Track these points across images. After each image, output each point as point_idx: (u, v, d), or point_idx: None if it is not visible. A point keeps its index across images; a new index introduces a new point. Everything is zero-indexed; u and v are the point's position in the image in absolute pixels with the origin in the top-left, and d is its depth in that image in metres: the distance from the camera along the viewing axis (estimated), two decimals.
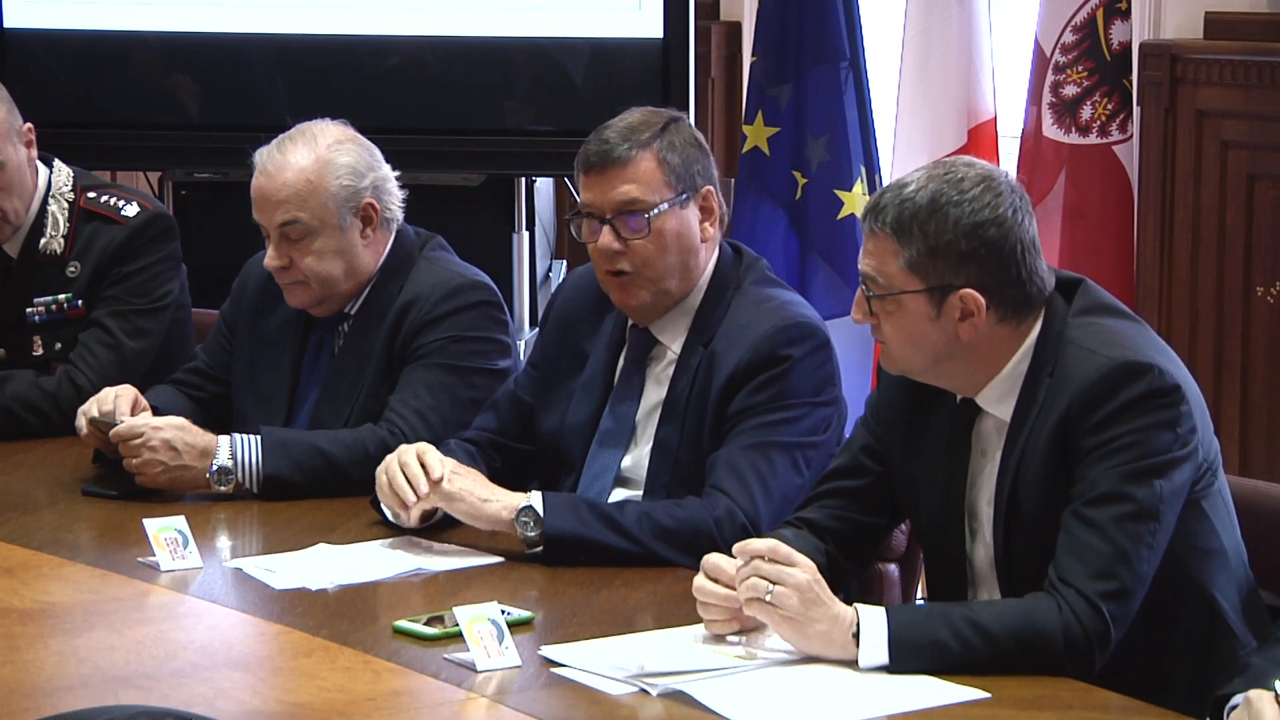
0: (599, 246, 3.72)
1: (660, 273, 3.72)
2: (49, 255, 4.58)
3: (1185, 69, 5.82)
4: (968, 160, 3.26)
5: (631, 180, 3.70)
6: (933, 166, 3.24)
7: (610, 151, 3.69)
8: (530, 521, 3.53)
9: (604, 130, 3.74)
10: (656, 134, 3.72)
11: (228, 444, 3.96)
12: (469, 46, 5.99)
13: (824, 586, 3.05)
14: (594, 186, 3.72)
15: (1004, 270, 3.17)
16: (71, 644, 3.18)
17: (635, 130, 3.72)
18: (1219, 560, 3.22)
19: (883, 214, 3.19)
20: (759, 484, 3.60)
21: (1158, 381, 3.11)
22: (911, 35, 5.78)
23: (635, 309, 3.78)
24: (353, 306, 4.20)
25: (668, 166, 3.71)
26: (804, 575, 3.04)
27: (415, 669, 3.05)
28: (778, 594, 3.03)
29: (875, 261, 3.20)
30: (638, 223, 3.70)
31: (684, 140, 3.74)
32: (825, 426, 3.69)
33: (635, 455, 3.79)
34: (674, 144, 3.72)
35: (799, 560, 3.07)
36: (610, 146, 3.70)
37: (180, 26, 6.08)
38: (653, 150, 3.70)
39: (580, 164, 3.74)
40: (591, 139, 3.74)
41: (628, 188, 3.70)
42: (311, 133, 4.16)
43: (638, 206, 3.70)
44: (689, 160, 3.73)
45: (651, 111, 3.79)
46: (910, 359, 3.24)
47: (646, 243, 3.70)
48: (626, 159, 3.69)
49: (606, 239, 3.71)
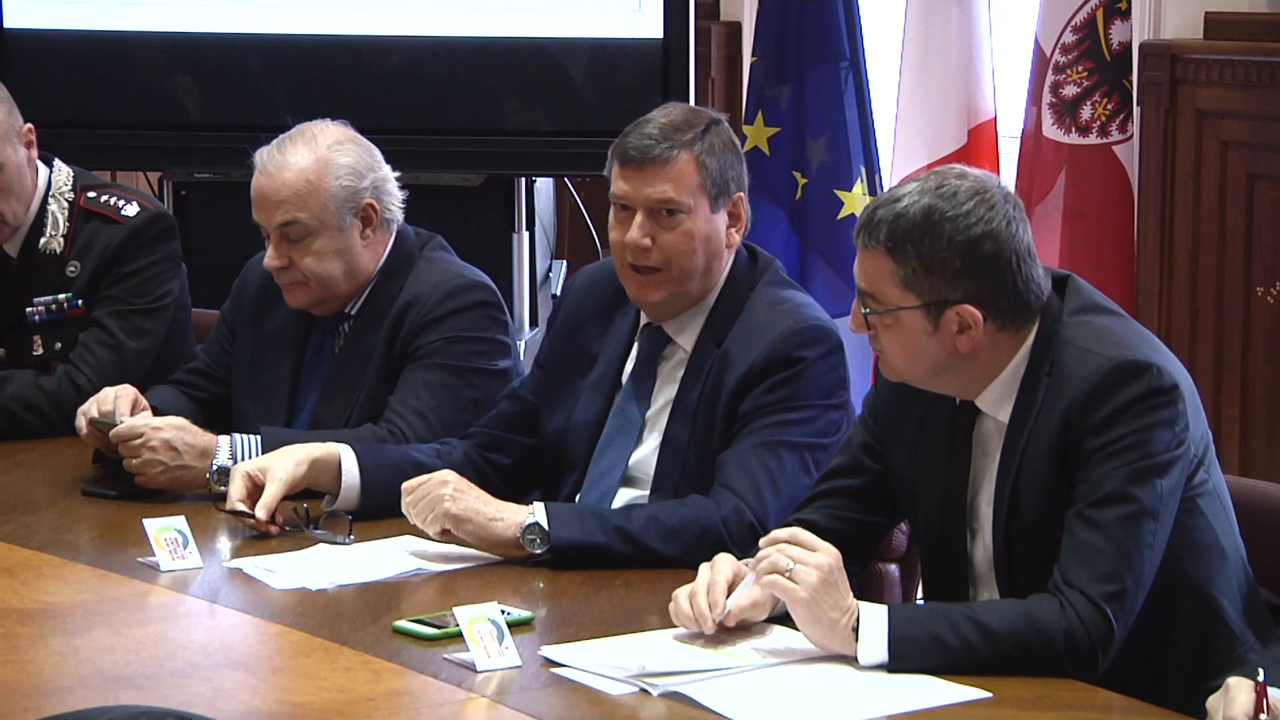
0: (628, 239, 3.71)
1: (684, 272, 3.72)
2: (49, 255, 4.58)
3: (1185, 69, 5.82)
4: (960, 170, 3.25)
5: (669, 180, 3.69)
6: (925, 178, 3.22)
7: (652, 148, 3.69)
8: (537, 539, 3.53)
9: (645, 125, 3.72)
10: (698, 136, 3.71)
11: (228, 444, 3.96)
12: (469, 46, 5.99)
13: (844, 576, 3.06)
14: (631, 180, 3.71)
15: (1000, 283, 3.17)
16: (71, 644, 3.18)
17: (678, 129, 3.70)
18: (1217, 558, 3.22)
19: (876, 230, 3.18)
20: (768, 483, 3.60)
21: (1156, 380, 3.11)
22: (911, 35, 5.77)
23: (651, 305, 3.78)
24: (353, 307, 4.21)
25: (705, 170, 3.70)
26: (827, 558, 3.05)
27: (415, 669, 3.05)
28: (799, 571, 3.03)
29: (871, 278, 3.20)
30: (670, 222, 3.70)
31: (723, 144, 3.73)
32: (835, 429, 3.69)
33: (642, 453, 3.79)
34: (714, 147, 3.71)
35: (823, 545, 3.08)
36: (652, 143, 3.69)
37: (180, 26, 6.07)
38: (693, 152, 3.70)
39: (618, 155, 3.72)
40: (632, 131, 3.72)
41: (665, 187, 3.69)
42: (311, 133, 4.16)
43: (672, 206, 3.70)
44: (725, 165, 3.72)
45: (694, 111, 3.78)
46: (909, 370, 3.24)
47: (676, 242, 3.70)
48: (667, 158, 3.68)
49: (636, 233, 3.71)
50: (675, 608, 3.15)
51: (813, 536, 3.10)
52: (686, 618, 3.13)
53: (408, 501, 3.59)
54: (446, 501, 3.55)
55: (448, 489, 3.56)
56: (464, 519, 3.56)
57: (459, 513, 3.56)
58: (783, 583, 3.05)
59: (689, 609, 3.12)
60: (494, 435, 3.94)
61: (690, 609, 3.12)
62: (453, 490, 3.57)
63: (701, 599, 3.11)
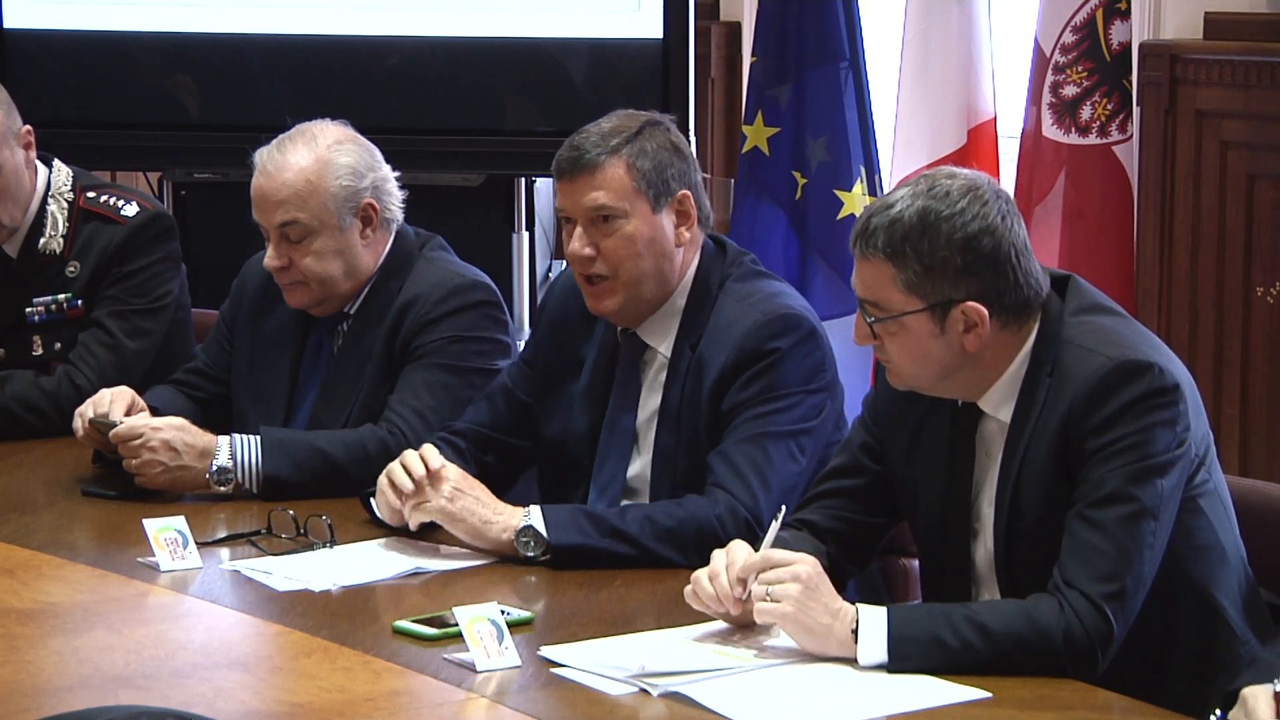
0: (569, 251, 3.73)
1: (632, 278, 3.72)
2: (48, 255, 4.58)
3: (1185, 69, 5.82)
4: (949, 171, 3.25)
5: (600, 187, 3.69)
6: (915, 182, 3.22)
7: (580, 158, 3.70)
8: (530, 541, 3.53)
9: (577, 135, 3.74)
10: (628, 139, 3.70)
11: (227, 444, 3.96)
12: (469, 46, 5.99)
13: (826, 580, 3.06)
14: (565, 192, 3.73)
15: (1001, 278, 3.17)
16: (71, 644, 3.18)
17: (607, 136, 3.71)
18: (1217, 558, 3.23)
19: (873, 237, 3.17)
20: (757, 477, 3.60)
21: (1158, 380, 3.11)
22: (911, 35, 5.77)
23: (608, 313, 3.77)
24: (352, 307, 4.20)
25: (638, 173, 3.70)
26: (804, 568, 3.05)
27: (415, 669, 3.05)
28: (777, 590, 3.03)
29: (872, 286, 3.19)
30: (608, 228, 3.70)
31: (657, 145, 3.72)
32: (818, 412, 3.68)
33: (640, 464, 3.79)
34: (645, 150, 3.71)
35: (797, 556, 3.08)
36: (580, 152, 3.70)
37: (180, 26, 6.07)
38: (622, 157, 3.69)
39: (554, 169, 3.74)
40: (565, 144, 3.74)
41: (596, 194, 3.69)
42: (311, 133, 4.16)
43: (607, 212, 3.70)
44: (661, 165, 3.72)
45: (629, 115, 3.78)
46: (918, 376, 3.24)
47: (618, 248, 3.70)
48: (595, 165, 3.69)
49: (577, 244, 3.71)
50: (696, 589, 3.14)
51: (784, 553, 3.10)
52: (709, 597, 3.12)
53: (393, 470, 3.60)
54: (442, 499, 3.55)
55: (446, 486, 3.56)
56: (458, 518, 3.56)
57: (454, 511, 3.56)
58: (766, 608, 3.05)
59: (711, 588, 3.12)
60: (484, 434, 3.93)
61: (713, 589, 3.12)
62: (451, 488, 3.57)
63: (724, 579, 3.11)
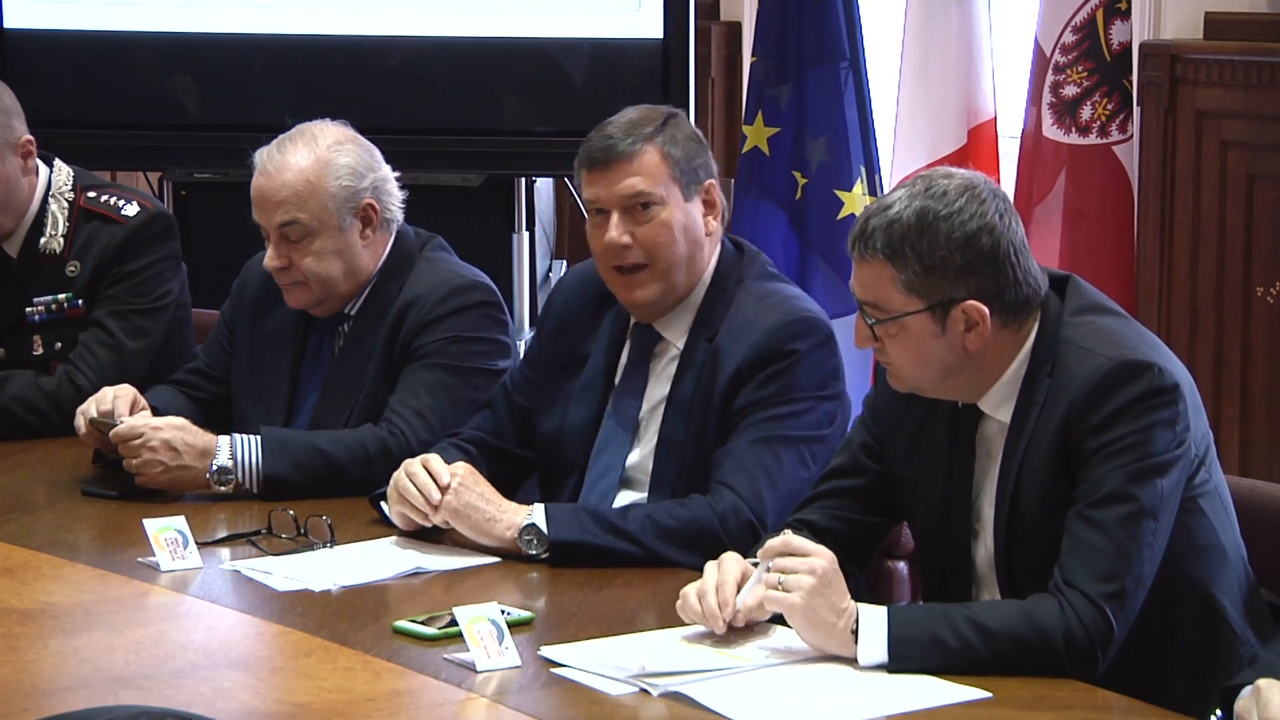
0: (607, 241, 3.73)
1: (670, 264, 3.73)
2: (49, 255, 4.58)
3: (1185, 69, 5.82)
4: (946, 171, 3.25)
5: (637, 173, 3.72)
6: (911, 184, 3.22)
7: (614, 146, 3.72)
8: (534, 539, 3.53)
9: (605, 127, 3.76)
10: (658, 128, 3.74)
11: (227, 444, 3.96)
12: (469, 46, 5.99)
13: (840, 578, 3.06)
14: (599, 182, 3.73)
15: (1000, 276, 3.17)
16: (71, 644, 3.18)
17: (637, 125, 3.74)
18: (1218, 558, 3.22)
19: (872, 239, 3.17)
20: (765, 479, 3.60)
21: (1157, 380, 3.11)
22: (911, 35, 5.77)
23: (643, 305, 3.78)
24: (352, 307, 4.20)
25: (671, 160, 3.73)
26: (820, 561, 3.05)
27: (415, 669, 3.05)
28: (791, 580, 3.03)
29: (872, 288, 3.19)
30: (646, 215, 3.71)
31: (684, 135, 3.77)
32: (830, 421, 3.69)
33: (640, 453, 3.79)
34: (675, 138, 3.75)
35: (817, 549, 3.08)
36: (614, 141, 3.72)
37: (180, 26, 6.07)
38: (656, 144, 3.73)
39: (583, 161, 3.75)
40: (593, 136, 3.76)
41: (633, 180, 3.71)
42: (311, 133, 4.16)
43: (645, 199, 3.71)
44: (691, 154, 3.75)
45: (650, 108, 3.81)
46: (920, 377, 3.23)
47: (656, 234, 3.72)
48: (631, 153, 3.71)
49: (614, 233, 3.72)
50: (684, 604, 3.15)
51: (805, 542, 3.10)
52: (696, 614, 3.13)
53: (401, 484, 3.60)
54: (448, 495, 3.56)
55: (454, 482, 3.57)
56: (462, 514, 3.57)
57: (458, 507, 3.57)
58: (776, 595, 3.05)
59: (699, 607, 3.12)
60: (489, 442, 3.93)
61: (700, 607, 3.12)
62: (458, 484, 3.57)
63: (711, 598, 3.11)
